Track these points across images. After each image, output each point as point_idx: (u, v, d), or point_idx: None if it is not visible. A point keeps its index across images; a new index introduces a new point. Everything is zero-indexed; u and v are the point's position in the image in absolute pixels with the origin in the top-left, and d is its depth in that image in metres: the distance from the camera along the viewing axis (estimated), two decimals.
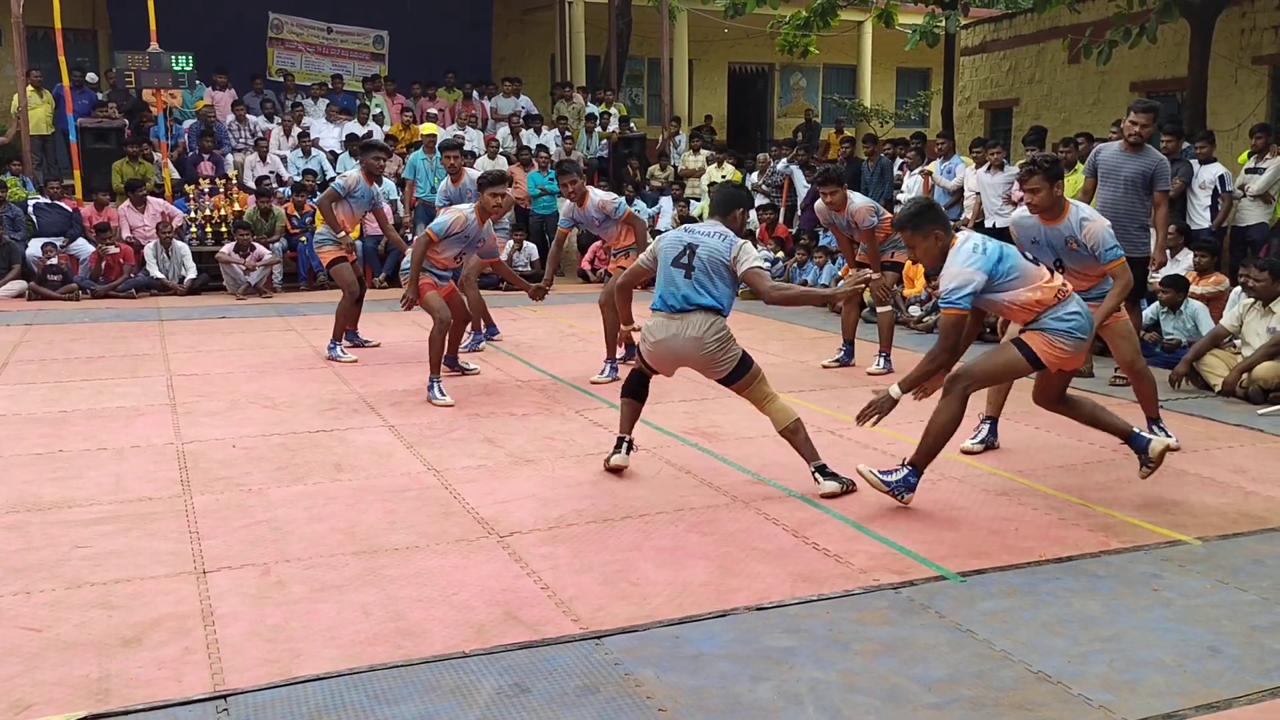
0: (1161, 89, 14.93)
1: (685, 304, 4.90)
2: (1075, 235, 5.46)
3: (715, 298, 4.91)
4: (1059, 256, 5.58)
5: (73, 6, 15.95)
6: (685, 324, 4.88)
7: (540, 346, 8.99)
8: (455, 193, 9.08)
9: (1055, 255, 5.58)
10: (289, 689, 3.13)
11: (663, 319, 4.95)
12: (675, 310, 4.92)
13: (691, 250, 4.95)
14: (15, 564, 4.08)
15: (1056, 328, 4.60)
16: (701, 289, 4.90)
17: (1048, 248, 5.58)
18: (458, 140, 10.33)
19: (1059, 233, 5.52)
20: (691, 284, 4.91)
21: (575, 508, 4.77)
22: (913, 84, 25.44)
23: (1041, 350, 4.62)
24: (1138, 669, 3.27)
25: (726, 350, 4.89)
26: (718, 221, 5.15)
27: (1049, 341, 4.61)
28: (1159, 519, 4.63)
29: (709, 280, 4.91)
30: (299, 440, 5.93)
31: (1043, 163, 5.47)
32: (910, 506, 4.76)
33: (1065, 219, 5.48)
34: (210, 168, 14.36)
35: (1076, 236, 5.46)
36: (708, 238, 5.00)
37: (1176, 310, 8.20)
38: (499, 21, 20.58)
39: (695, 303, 4.89)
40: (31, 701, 3.04)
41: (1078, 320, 4.63)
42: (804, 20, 15.24)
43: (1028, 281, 4.59)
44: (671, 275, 4.97)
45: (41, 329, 10.03)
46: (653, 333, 4.99)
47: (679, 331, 4.89)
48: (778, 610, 3.67)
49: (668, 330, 4.93)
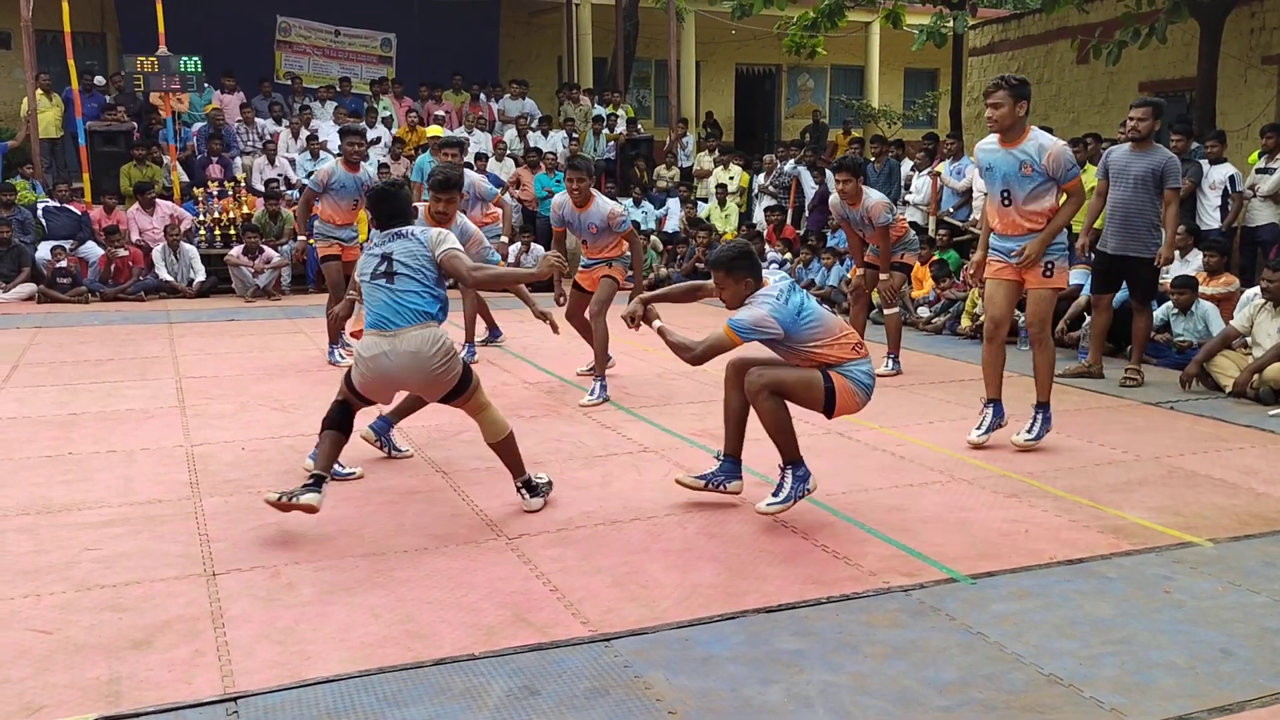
0: (1171, 89, 14.88)
1: (396, 319, 4.47)
2: (1032, 160, 5.53)
3: (425, 304, 4.50)
4: (1007, 186, 5.64)
5: (82, 10, 15.99)
6: (400, 340, 4.44)
7: (547, 349, 8.99)
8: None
9: (1004, 185, 5.64)
10: (299, 691, 3.13)
11: (373, 338, 4.49)
12: (387, 328, 4.48)
13: (388, 259, 4.55)
14: (25, 566, 4.09)
15: (860, 379, 4.55)
16: (407, 298, 4.48)
17: (999, 176, 5.67)
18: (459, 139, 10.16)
19: (1014, 157, 5.60)
20: (396, 297, 4.49)
21: (584, 509, 4.77)
22: (921, 85, 25.40)
23: (841, 392, 4.51)
24: (1149, 671, 3.25)
25: (450, 368, 4.49)
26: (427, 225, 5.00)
27: (849, 390, 4.52)
28: (1170, 521, 4.61)
29: (414, 284, 4.50)
30: (308, 443, 5.91)
31: (1011, 80, 5.57)
32: (920, 508, 4.75)
33: (1023, 142, 5.57)
34: (219, 170, 14.40)
35: (1033, 161, 5.52)
36: (405, 240, 4.60)
37: (1187, 311, 8.18)
38: (506, 24, 20.61)
39: (407, 315, 4.47)
40: (42, 704, 3.05)
41: (871, 381, 4.61)
42: (811, 21, 15.22)
43: (828, 334, 4.50)
44: (374, 293, 4.54)
45: (51, 332, 10.06)
46: (364, 353, 4.50)
47: (392, 348, 4.43)
48: (787, 612, 3.67)
49: (379, 348, 4.46)
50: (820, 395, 4.51)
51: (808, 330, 4.46)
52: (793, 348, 4.50)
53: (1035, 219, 5.62)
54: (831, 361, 4.51)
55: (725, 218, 14.80)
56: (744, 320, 4.40)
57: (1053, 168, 5.51)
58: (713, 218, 14.69)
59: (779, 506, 4.55)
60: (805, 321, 4.45)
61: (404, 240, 4.60)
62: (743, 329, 4.39)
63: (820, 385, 4.51)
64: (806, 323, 4.46)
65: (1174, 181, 7.22)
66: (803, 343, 4.47)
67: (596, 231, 7.23)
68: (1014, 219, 5.66)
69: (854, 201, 7.71)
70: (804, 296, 4.55)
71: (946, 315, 9.95)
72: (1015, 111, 5.53)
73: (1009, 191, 5.63)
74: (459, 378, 4.53)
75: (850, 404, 4.58)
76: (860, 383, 4.56)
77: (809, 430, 6.14)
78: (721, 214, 14.83)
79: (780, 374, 4.52)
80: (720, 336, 4.42)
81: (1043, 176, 5.53)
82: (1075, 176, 5.60)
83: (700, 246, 13.37)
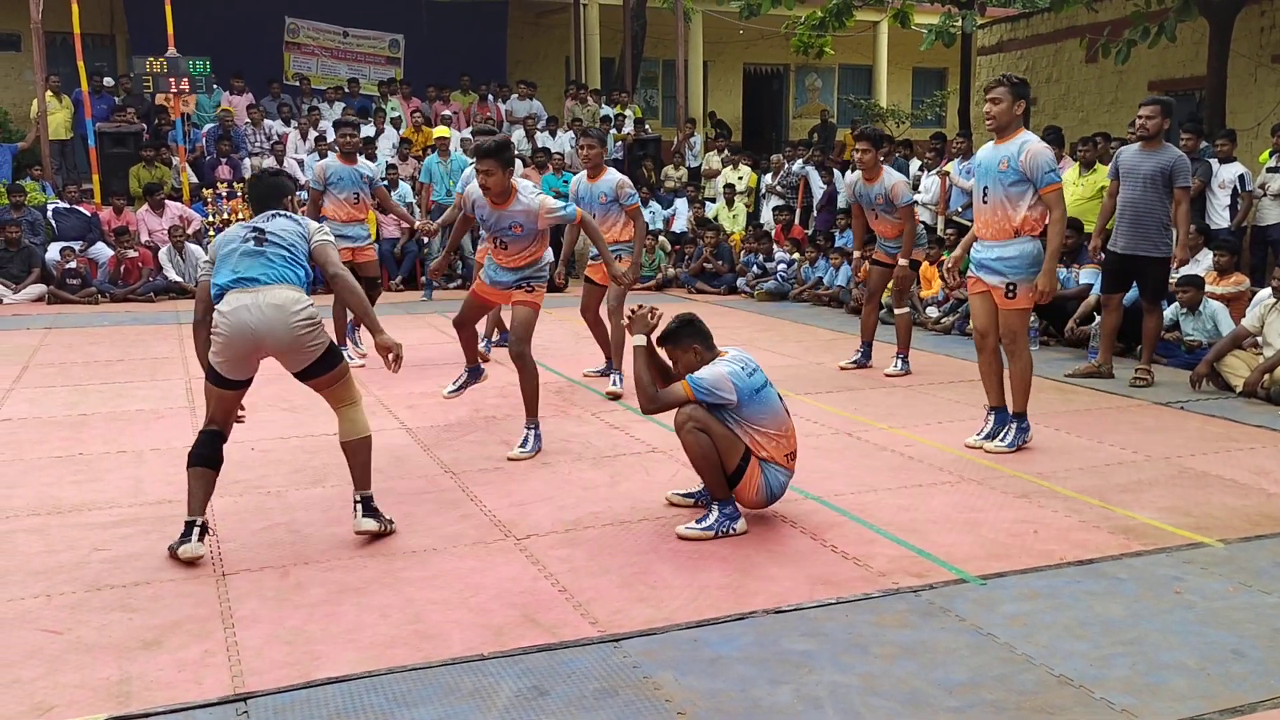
0: (1180, 88, 14.83)
1: (262, 277, 4.22)
2: (1011, 157, 5.52)
3: (292, 271, 4.30)
4: (986, 183, 5.66)
5: (91, 12, 16.06)
6: (264, 294, 4.17)
7: (555, 349, 8.99)
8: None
9: (984, 181, 5.67)
10: (308, 691, 3.13)
11: (236, 294, 4.17)
12: (251, 285, 4.20)
13: (260, 231, 4.35)
14: (36, 566, 4.10)
15: (773, 483, 4.50)
16: (275, 261, 4.28)
17: (983, 172, 5.69)
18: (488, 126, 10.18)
19: (997, 154, 5.61)
20: (265, 260, 4.26)
21: (592, 510, 4.77)
22: (929, 84, 25.36)
23: (749, 476, 4.44)
24: (1160, 672, 3.24)
25: (315, 334, 4.24)
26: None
27: (758, 484, 4.47)
28: (1180, 521, 4.60)
29: (284, 253, 4.32)
30: (316, 443, 5.94)
31: (1012, 78, 5.61)
32: (929, 509, 4.74)
33: (1010, 140, 5.58)
34: (228, 171, 14.44)
35: (1012, 159, 5.52)
36: (282, 219, 4.45)
37: (1195, 310, 8.15)
38: (514, 24, 20.64)
39: (274, 275, 4.24)
40: (53, 704, 3.06)
41: (779, 493, 4.55)
42: (819, 21, 15.20)
43: (775, 425, 4.47)
44: (241, 260, 4.26)
45: (61, 332, 10.09)
46: (225, 308, 4.15)
47: (255, 301, 4.15)
48: (796, 613, 3.66)
49: (241, 301, 4.15)
50: (734, 462, 4.42)
51: (758, 411, 4.43)
52: (738, 421, 4.43)
53: (1006, 223, 5.57)
54: (762, 455, 4.47)
55: (733, 218, 14.79)
56: (704, 379, 4.39)
57: (1029, 167, 5.46)
58: (720, 218, 14.69)
59: (698, 532, 4.40)
60: (761, 402, 4.44)
61: (281, 219, 4.44)
62: (700, 387, 4.38)
63: (740, 454, 4.43)
64: (762, 404, 4.44)
65: (1183, 181, 7.19)
66: (749, 421, 4.42)
67: (606, 201, 7.31)
68: (987, 218, 5.66)
69: (871, 176, 7.61)
70: (768, 384, 4.53)
71: (955, 315, 9.93)
72: (1013, 110, 5.54)
73: (987, 188, 5.64)
74: (325, 351, 4.29)
75: (748, 495, 4.49)
76: (770, 486, 4.50)
77: (817, 430, 6.15)
78: (729, 214, 14.83)
79: (713, 421, 4.41)
80: (677, 390, 4.45)
81: (1017, 174, 5.50)
82: (1052, 183, 5.48)
83: (708, 247, 13.37)
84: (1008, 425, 5.76)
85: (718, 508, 4.46)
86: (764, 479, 4.48)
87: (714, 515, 4.45)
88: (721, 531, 4.41)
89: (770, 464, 4.49)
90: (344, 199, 8.23)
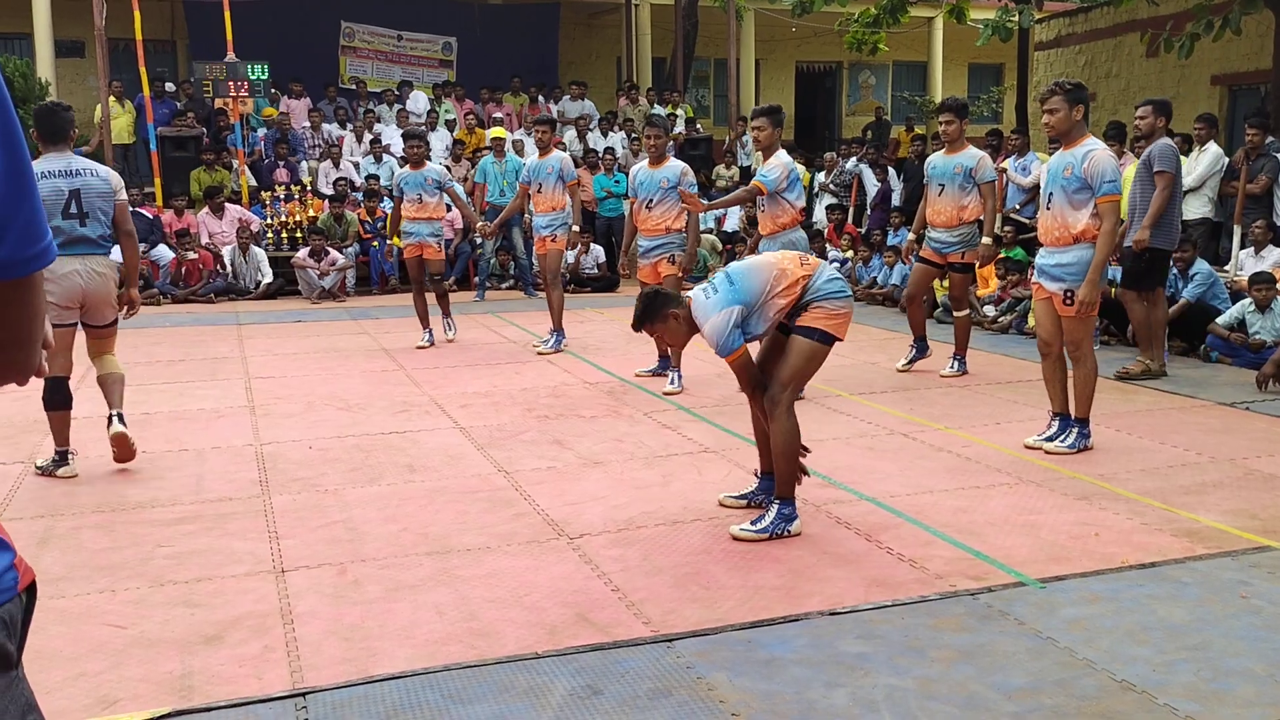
0: (1245, 81, 14.49)
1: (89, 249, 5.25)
2: (1075, 164, 5.46)
3: (107, 239, 5.33)
4: (1052, 189, 5.61)
5: (153, 19, 16.38)
6: (90, 261, 5.25)
7: (607, 348, 9.01)
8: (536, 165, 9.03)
9: (1050, 187, 5.62)
10: (366, 687, 3.17)
11: (66, 258, 5.15)
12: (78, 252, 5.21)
13: (75, 198, 5.19)
14: (101, 562, 4.19)
15: (827, 289, 4.38)
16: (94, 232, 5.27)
17: (1050, 179, 5.63)
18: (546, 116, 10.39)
19: (1063, 160, 5.56)
20: (89, 233, 5.24)
21: (644, 510, 4.77)
22: (986, 80, 25.01)
23: (823, 323, 4.36)
24: (1226, 678, 3.17)
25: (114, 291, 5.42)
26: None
27: (827, 312, 4.37)
28: (1246, 524, 4.49)
29: (101, 226, 5.29)
30: (373, 441, 6.01)
31: (1065, 84, 5.51)
32: (987, 510, 4.68)
33: (1075, 147, 5.53)
34: (285, 174, 14.65)
35: (1076, 165, 5.46)
36: (87, 178, 5.25)
37: (1265, 309, 7.95)
38: (565, 25, 20.70)
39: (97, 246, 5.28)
40: (118, 697, 3.12)
41: (838, 282, 4.45)
42: (873, 17, 15.08)
43: (776, 281, 4.35)
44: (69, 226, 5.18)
45: (124, 333, 10.20)
46: (57, 270, 5.08)
47: (84, 267, 5.22)
48: (851, 615, 3.63)
49: (71, 266, 5.17)
50: (819, 348, 4.39)
51: (754, 284, 4.33)
52: (764, 312, 4.35)
53: (1066, 230, 5.50)
54: (796, 296, 4.35)
55: None
56: (718, 335, 4.27)
57: (1091, 174, 5.38)
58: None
59: (752, 534, 4.34)
60: (743, 281, 4.33)
61: (86, 178, 5.25)
62: (725, 343, 4.27)
63: (812, 344, 4.37)
64: (745, 281, 4.33)
65: (1159, 165, 7.30)
66: (766, 298, 4.33)
67: (667, 187, 7.53)
68: (1049, 224, 5.60)
69: (954, 148, 7.53)
70: (727, 270, 4.45)
71: (1012, 314, 9.79)
72: (1071, 116, 5.48)
73: (1052, 194, 5.59)
74: (116, 310, 5.50)
75: (834, 322, 4.39)
76: (825, 294, 4.37)
77: (872, 431, 6.09)
78: None
79: (791, 370, 4.38)
80: (734, 369, 4.40)
81: (1080, 181, 5.43)
82: (1109, 194, 5.37)
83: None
84: (1069, 428, 5.68)
85: (777, 507, 4.42)
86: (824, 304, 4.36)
87: (771, 516, 4.41)
88: (776, 533, 4.37)
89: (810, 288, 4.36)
90: (410, 200, 9.24)
